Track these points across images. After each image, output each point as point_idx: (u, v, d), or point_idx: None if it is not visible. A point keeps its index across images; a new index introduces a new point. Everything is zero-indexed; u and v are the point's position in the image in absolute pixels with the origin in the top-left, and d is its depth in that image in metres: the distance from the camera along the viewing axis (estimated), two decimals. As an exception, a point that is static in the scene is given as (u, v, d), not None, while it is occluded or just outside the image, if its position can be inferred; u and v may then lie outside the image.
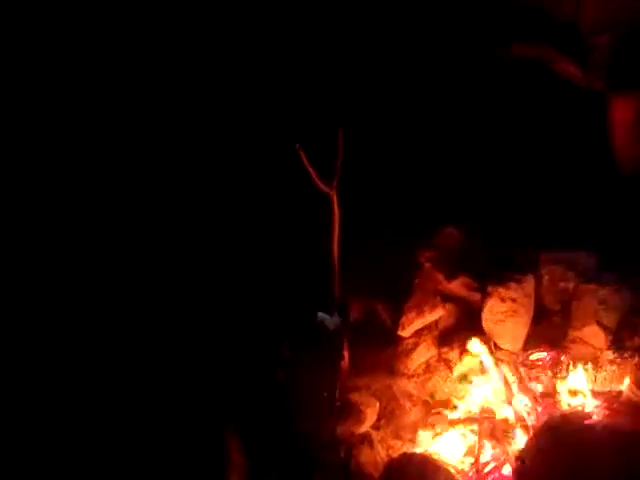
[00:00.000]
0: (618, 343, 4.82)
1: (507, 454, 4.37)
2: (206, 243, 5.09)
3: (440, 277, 5.26)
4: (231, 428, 4.11)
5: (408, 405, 4.94)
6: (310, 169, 5.00)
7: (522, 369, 4.87)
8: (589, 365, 4.77)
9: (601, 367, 4.75)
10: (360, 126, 5.25)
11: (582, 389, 4.66)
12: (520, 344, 5.02)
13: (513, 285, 5.07)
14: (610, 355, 4.78)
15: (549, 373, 4.83)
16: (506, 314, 5.02)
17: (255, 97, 5.39)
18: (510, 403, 4.61)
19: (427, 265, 5.31)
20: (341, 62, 5.40)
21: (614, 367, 4.71)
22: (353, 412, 4.75)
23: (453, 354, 5.08)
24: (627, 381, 4.54)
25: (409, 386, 5.05)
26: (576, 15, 5.18)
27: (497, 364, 4.83)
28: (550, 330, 5.05)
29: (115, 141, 5.02)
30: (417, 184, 5.52)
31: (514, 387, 4.71)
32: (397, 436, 4.78)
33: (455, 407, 4.88)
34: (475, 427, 4.61)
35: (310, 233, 5.26)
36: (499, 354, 4.96)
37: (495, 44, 5.45)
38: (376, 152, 5.57)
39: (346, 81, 5.35)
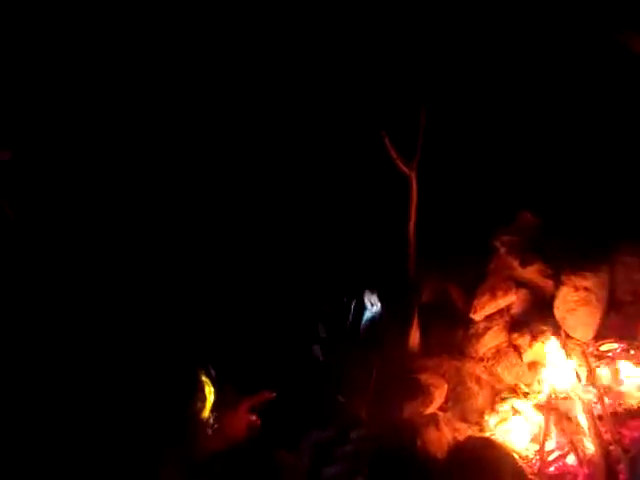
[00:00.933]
0: (692, 338, 4.80)
1: (572, 444, 4.42)
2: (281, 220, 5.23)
3: (515, 263, 5.27)
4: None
5: (476, 389, 5.00)
6: (391, 150, 5.07)
7: (592, 359, 4.90)
8: (660, 358, 4.77)
9: (673, 361, 4.74)
10: (442, 110, 5.27)
11: (652, 383, 4.66)
12: (591, 334, 5.03)
13: (587, 274, 5.06)
14: (683, 349, 4.77)
15: (619, 364, 4.85)
16: (579, 303, 5.02)
17: (341, 80, 5.44)
18: (578, 393, 4.64)
19: (502, 250, 5.33)
20: (426, 44, 5.38)
21: (686, 362, 4.71)
22: (422, 393, 4.84)
23: (523, 340, 5.11)
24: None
25: (478, 370, 5.10)
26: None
27: (568, 353, 4.86)
28: (622, 321, 5.03)
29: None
30: (496, 169, 5.50)
31: (583, 377, 4.74)
32: (463, 419, 4.86)
33: (523, 394, 4.93)
34: (541, 415, 4.66)
35: (387, 213, 5.34)
36: (569, 343, 4.98)
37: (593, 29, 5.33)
38: (456, 135, 5.57)
39: (431, 66, 5.34)
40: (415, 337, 5.09)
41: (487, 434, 4.71)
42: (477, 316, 5.22)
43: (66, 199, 4.76)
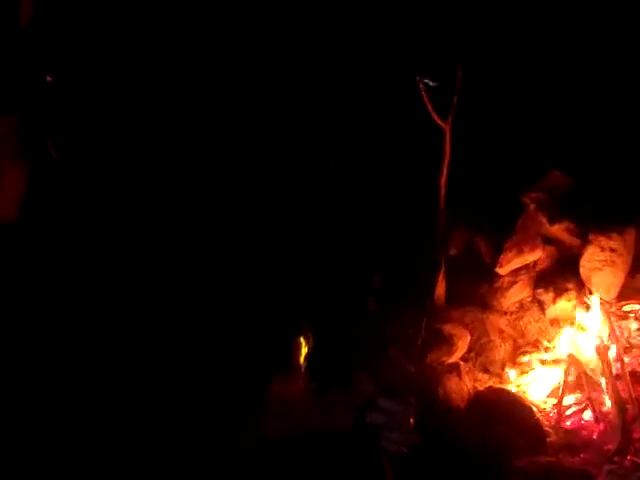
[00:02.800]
0: None
1: (590, 400, 4.55)
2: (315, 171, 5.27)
3: (544, 219, 5.31)
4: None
5: (498, 341, 5.12)
6: (427, 101, 5.07)
7: (613, 318, 5.00)
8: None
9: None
10: (479, 65, 5.25)
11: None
12: (614, 294, 5.11)
13: (614, 235, 5.11)
14: None
15: (640, 325, 4.95)
16: (604, 263, 5.08)
17: (378, 29, 5.42)
18: (599, 351, 4.74)
19: (532, 206, 5.36)
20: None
21: None
22: (445, 342, 4.96)
23: (547, 296, 5.21)
24: None
25: (501, 323, 5.21)
26: None
27: (590, 312, 4.96)
28: (647, 284, 5.12)
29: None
30: (529, 126, 5.50)
31: (604, 335, 4.84)
32: (484, 370, 4.99)
33: (544, 348, 5.05)
34: (561, 370, 4.78)
35: (418, 165, 5.38)
36: (592, 302, 5.07)
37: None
38: (493, 90, 5.55)
39: (469, 17, 5.30)
40: (441, 288, 5.17)
41: (507, 386, 4.84)
42: (503, 270, 5.28)
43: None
